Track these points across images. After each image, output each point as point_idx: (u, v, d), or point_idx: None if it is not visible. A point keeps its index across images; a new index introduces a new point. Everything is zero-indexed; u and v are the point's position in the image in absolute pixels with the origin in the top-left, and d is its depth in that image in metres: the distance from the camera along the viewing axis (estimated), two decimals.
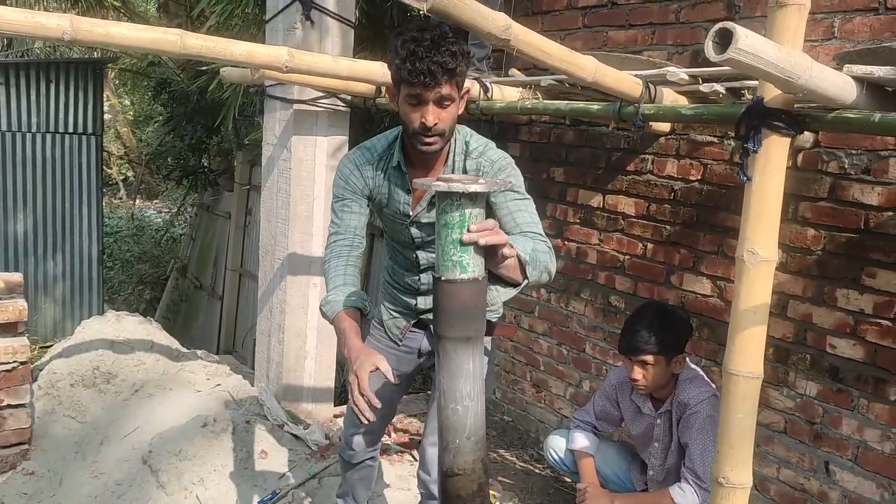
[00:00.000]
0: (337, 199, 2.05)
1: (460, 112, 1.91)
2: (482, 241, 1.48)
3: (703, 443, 2.46)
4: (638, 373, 2.55)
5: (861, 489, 2.57)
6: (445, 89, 1.80)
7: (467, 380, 1.57)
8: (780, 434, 2.82)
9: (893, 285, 2.47)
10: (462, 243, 1.49)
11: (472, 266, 1.52)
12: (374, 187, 2.05)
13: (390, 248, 2.20)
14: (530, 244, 1.75)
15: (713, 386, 2.59)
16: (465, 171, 1.94)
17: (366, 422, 1.69)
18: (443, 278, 1.53)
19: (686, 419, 2.53)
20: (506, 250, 1.54)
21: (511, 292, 1.77)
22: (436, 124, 1.82)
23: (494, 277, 1.64)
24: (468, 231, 1.48)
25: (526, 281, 1.72)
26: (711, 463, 2.38)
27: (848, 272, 2.60)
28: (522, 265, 1.69)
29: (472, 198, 1.48)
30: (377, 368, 1.70)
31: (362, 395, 1.68)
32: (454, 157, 1.96)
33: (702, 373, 2.66)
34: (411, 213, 2.02)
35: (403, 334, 2.21)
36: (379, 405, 1.69)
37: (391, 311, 2.23)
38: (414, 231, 2.05)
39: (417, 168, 1.99)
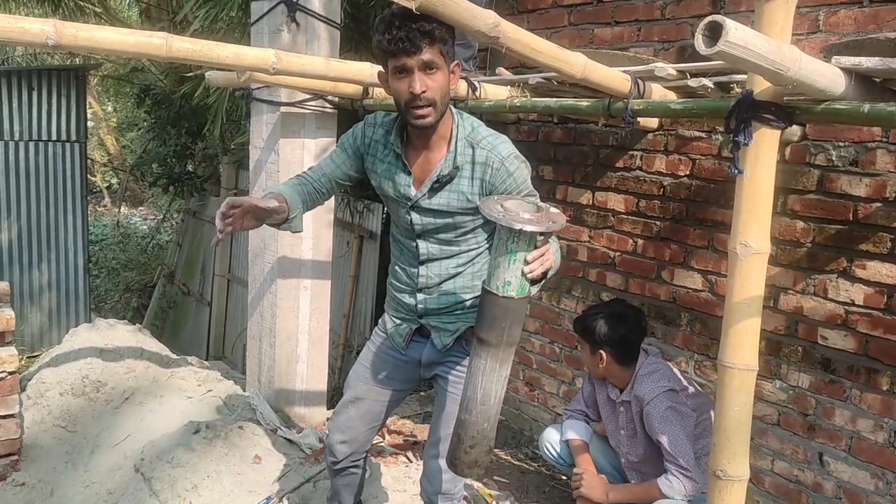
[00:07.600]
0: (337, 145, 2.15)
1: (454, 87, 1.89)
2: (540, 272, 1.71)
3: (671, 433, 2.50)
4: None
5: (855, 479, 2.59)
6: (427, 54, 1.79)
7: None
8: (774, 426, 2.84)
9: (883, 276, 2.50)
10: (523, 273, 1.71)
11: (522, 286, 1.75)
12: (371, 146, 2.05)
13: (394, 242, 2.16)
14: (554, 244, 1.83)
15: (675, 381, 2.60)
16: (473, 161, 1.92)
17: (219, 234, 1.77)
18: (500, 295, 1.74)
19: (645, 414, 2.57)
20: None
21: (533, 289, 1.80)
22: (424, 91, 1.80)
23: None
24: (526, 262, 1.70)
25: (544, 280, 1.79)
26: (688, 450, 2.47)
27: (838, 264, 2.62)
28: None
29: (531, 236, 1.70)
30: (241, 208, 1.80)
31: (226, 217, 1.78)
32: (456, 142, 1.92)
33: (665, 367, 2.66)
34: (411, 196, 1.98)
35: (406, 343, 2.17)
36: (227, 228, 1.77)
37: (394, 319, 2.20)
38: (414, 216, 2.00)
39: (417, 149, 1.97)
